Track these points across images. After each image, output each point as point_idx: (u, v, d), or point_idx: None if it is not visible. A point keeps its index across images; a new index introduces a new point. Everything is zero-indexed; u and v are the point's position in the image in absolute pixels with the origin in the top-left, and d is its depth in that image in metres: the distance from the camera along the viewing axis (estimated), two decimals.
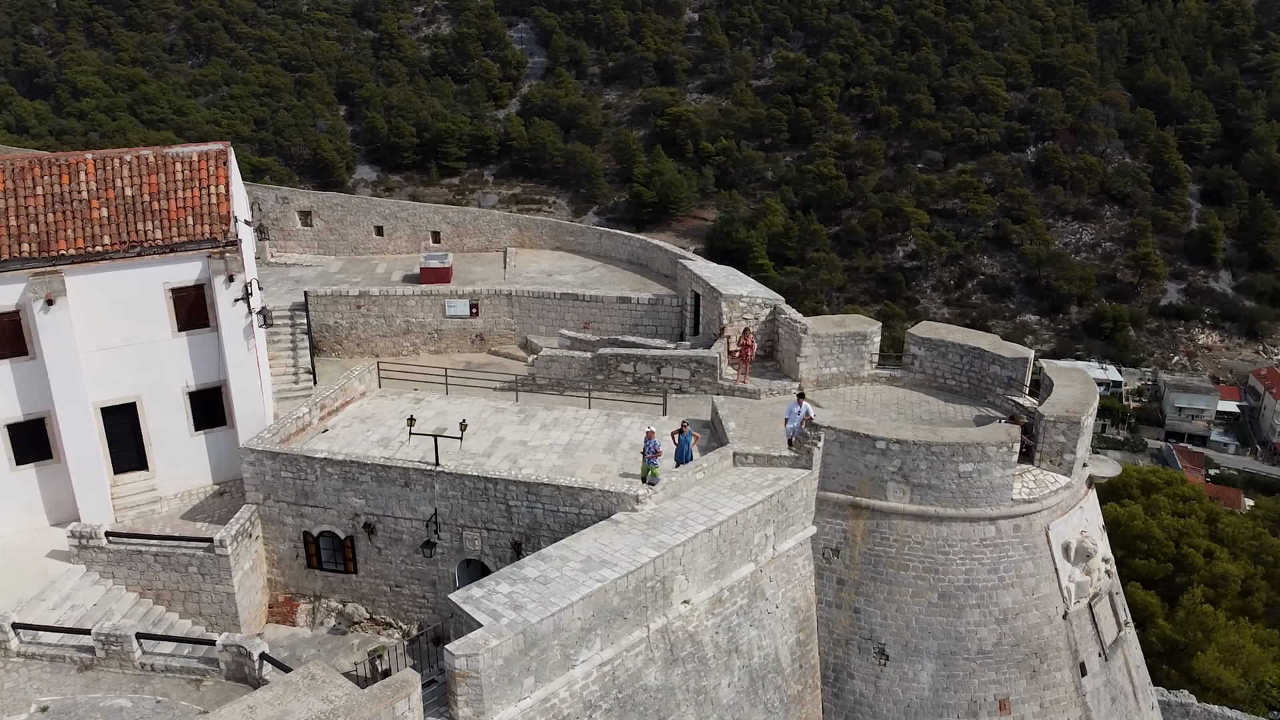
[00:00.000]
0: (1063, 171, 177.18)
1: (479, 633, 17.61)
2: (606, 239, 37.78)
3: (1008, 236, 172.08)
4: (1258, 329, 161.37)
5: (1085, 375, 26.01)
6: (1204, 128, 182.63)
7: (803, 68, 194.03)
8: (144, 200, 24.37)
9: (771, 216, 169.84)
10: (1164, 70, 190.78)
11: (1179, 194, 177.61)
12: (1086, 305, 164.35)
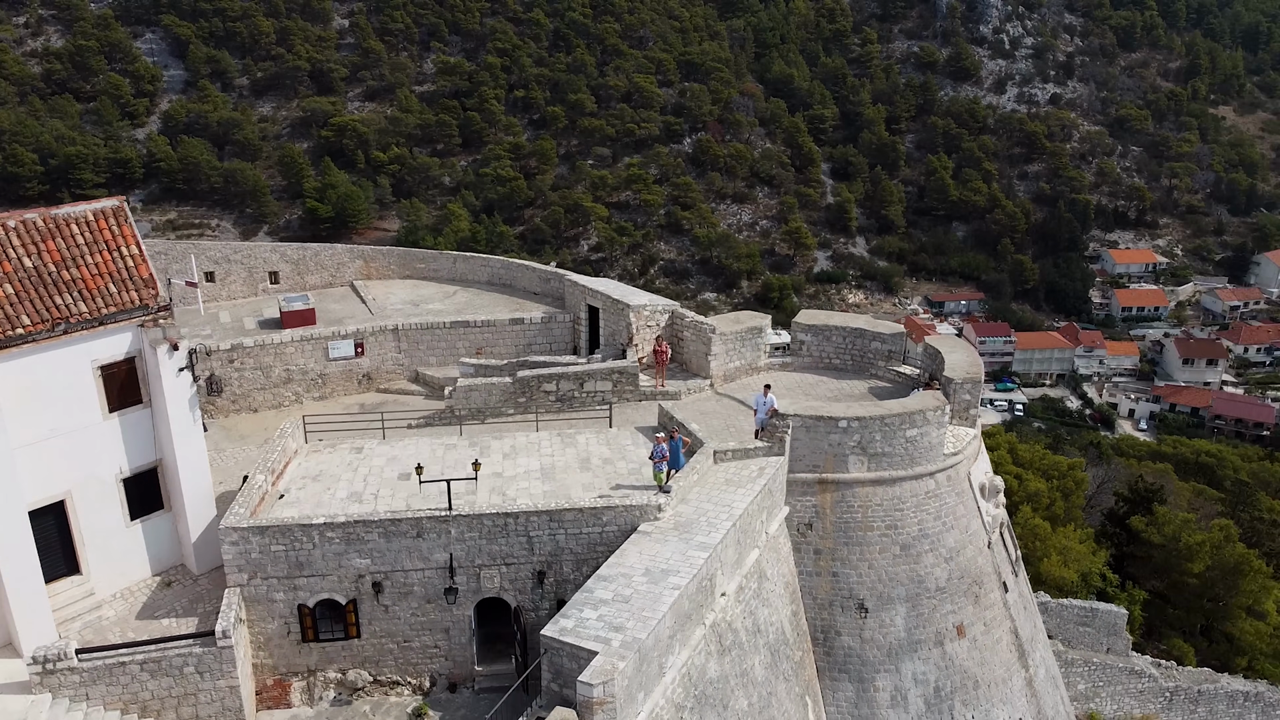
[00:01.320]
0: (717, 159, 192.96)
1: (601, 659, 18.17)
2: (463, 262, 37.49)
3: (679, 223, 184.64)
4: (892, 285, 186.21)
5: (964, 342, 30.72)
6: (826, 113, 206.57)
7: (465, 72, 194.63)
8: (50, 270, 21.49)
9: (456, 222, 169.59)
10: (787, 64, 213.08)
11: (815, 173, 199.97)
12: (755, 279, 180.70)
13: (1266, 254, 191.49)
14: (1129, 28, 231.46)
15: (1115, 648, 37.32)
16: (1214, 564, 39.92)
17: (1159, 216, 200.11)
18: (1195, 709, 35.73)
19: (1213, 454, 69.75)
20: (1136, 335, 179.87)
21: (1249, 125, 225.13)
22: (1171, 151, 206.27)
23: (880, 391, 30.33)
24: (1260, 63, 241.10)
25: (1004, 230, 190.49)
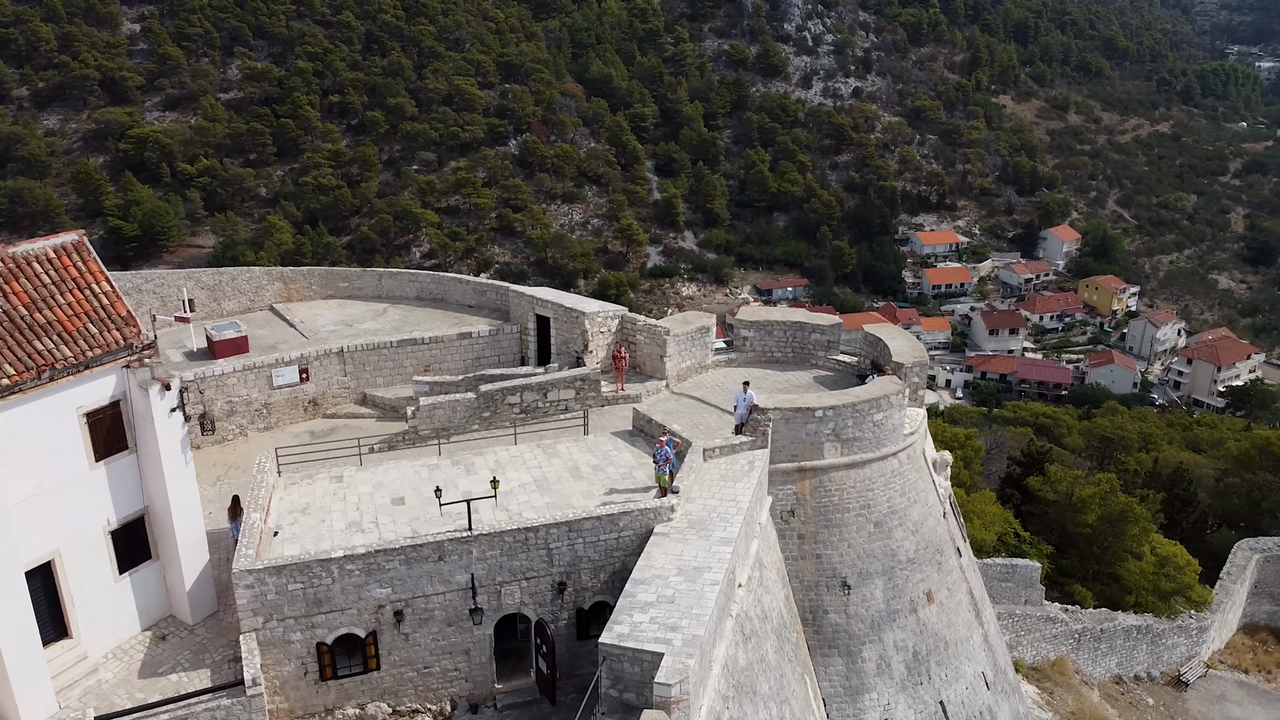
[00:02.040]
0: (544, 160, 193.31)
1: (670, 659, 18.72)
2: (389, 279, 36.50)
3: (512, 225, 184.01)
4: (722, 276, 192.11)
5: (901, 329, 32.80)
6: (646, 111, 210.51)
7: (274, 78, 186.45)
8: (21, 314, 19.86)
9: (278, 235, 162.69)
10: (604, 63, 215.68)
11: (640, 170, 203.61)
12: (591, 277, 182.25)
13: (1051, 230, 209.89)
14: (917, 24, 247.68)
15: (1031, 599, 41.01)
16: (1102, 514, 44.64)
17: (957, 199, 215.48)
18: (1099, 646, 39.76)
19: (1049, 415, 76.74)
20: (946, 311, 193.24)
21: (1026, 112, 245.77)
22: (963, 139, 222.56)
23: (824, 380, 32.08)
24: (1031, 55, 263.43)
25: (821, 218, 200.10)
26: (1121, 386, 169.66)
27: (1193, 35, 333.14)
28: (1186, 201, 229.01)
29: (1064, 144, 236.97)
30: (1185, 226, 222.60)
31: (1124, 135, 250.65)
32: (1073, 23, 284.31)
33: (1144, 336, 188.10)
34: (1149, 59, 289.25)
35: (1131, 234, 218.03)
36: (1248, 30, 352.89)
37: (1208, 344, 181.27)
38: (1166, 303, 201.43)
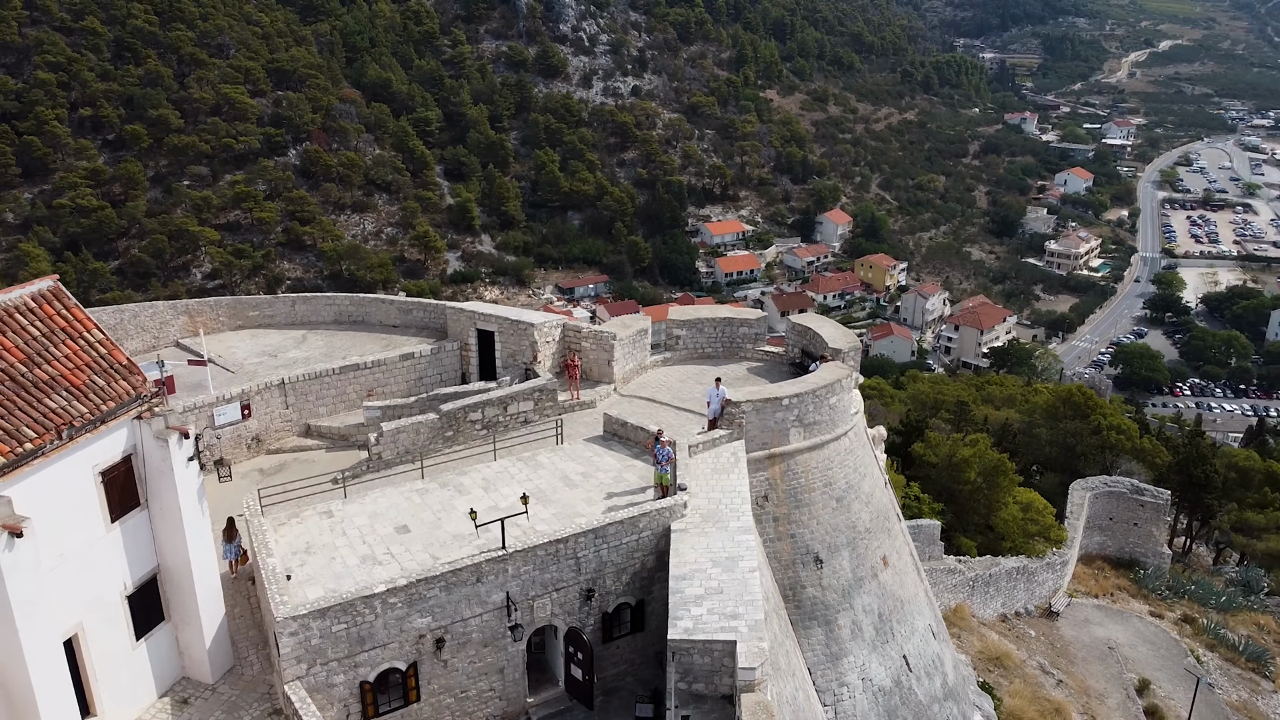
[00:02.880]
0: (329, 169, 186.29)
1: (744, 644, 19.75)
2: (303, 304, 34.74)
3: (300, 238, 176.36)
4: (523, 277, 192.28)
5: (824, 318, 34.93)
6: (430, 115, 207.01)
7: (10, 90, 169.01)
8: (20, 371, 18.13)
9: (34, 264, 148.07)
10: (381, 67, 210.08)
11: (430, 175, 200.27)
12: (390, 287, 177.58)
13: (825, 214, 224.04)
14: (685, 23, 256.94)
15: (934, 554, 44.72)
16: (980, 471, 49.32)
17: (739, 190, 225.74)
18: (988, 589, 44.04)
19: (873, 387, 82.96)
20: (740, 296, 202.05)
21: (791, 105, 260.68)
22: (738, 132, 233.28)
23: (757, 370, 33.88)
24: (790, 51, 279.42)
25: (615, 215, 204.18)
26: (901, 355, 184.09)
27: (925, 30, 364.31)
28: (938, 182, 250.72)
29: (828, 134, 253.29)
30: (939, 205, 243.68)
31: (878, 124, 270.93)
32: (824, 20, 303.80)
33: (915, 308, 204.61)
34: (892, 53, 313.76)
35: (895, 214, 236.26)
36: (970, 25, 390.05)
37: (970, 311, 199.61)
38: (931, 276, 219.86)
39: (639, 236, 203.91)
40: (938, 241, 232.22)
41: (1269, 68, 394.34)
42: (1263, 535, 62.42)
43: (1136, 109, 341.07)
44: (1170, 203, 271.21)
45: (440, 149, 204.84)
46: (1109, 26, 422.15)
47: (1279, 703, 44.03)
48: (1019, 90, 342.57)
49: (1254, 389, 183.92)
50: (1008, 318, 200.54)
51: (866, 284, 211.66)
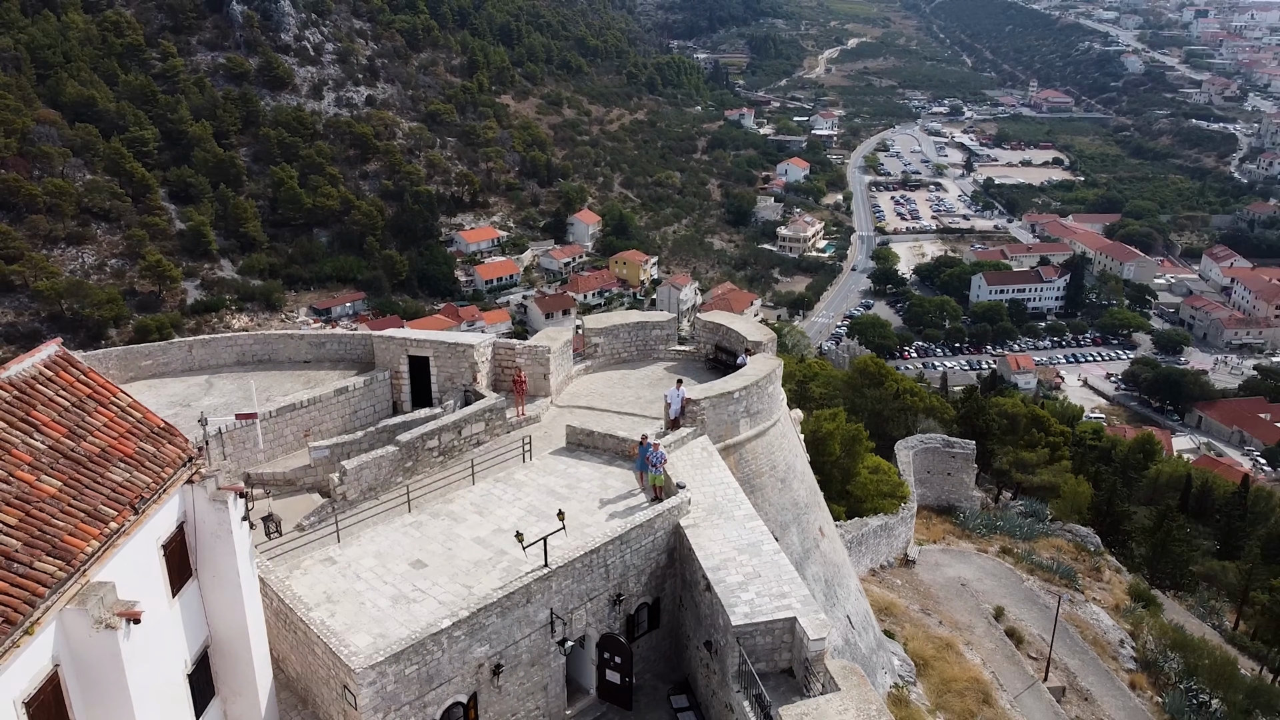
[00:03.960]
0: (34, 199, 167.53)
1: (804, 619, 21.32)
2: (201, 348, 31.90)
3: (8, 278, 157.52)
4: (274, 301, 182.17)
5: (732, 314, 36.75)
6: (147, 134, 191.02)
7: None
8: (68, 445, 16.43)
9: None
10: (81, 84, 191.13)
11: (155, 199, 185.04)
12: (123, 325, 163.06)
13: (575, 215, 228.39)
14: (413, 30, 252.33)
15: None
16: (843, 441, 53.34)
17: (488, 197, 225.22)
18: (860, 548, 47.96)
19: None
20: (503, 303, 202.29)
21: (528, 110, 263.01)
22: (481, 139, 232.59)
23: (674, 369, 35.39)
24: (520, 56, 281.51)
25: (365, 229, 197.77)
26: None
27: (642, 33, 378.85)
28: (674, 178, 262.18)
29: (567, 136, 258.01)
30: (678, 200, 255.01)
31: (612, 125, 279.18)
32: (549, 25, 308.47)
33: (670, 299, 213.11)
34: (615, 55, 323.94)
35: (639, 211, 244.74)
36: (682, 27, 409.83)
37: (720, 297, 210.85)
38: (680, 267, 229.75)
39: (393, 250, 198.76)
40: (681, 234, 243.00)
41: (938, 61, 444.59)
42: (1035, 470, 71.86)
43: (836, 101, 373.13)
44: (875, 185, 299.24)
45: (163, 170, 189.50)
46: (804, 27, 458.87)
47: (1091, 610, 51.49)
48: (733, 88, 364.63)
49: (967, 346, 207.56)
50: (754, 301, 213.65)
51: (622, 280, 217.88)
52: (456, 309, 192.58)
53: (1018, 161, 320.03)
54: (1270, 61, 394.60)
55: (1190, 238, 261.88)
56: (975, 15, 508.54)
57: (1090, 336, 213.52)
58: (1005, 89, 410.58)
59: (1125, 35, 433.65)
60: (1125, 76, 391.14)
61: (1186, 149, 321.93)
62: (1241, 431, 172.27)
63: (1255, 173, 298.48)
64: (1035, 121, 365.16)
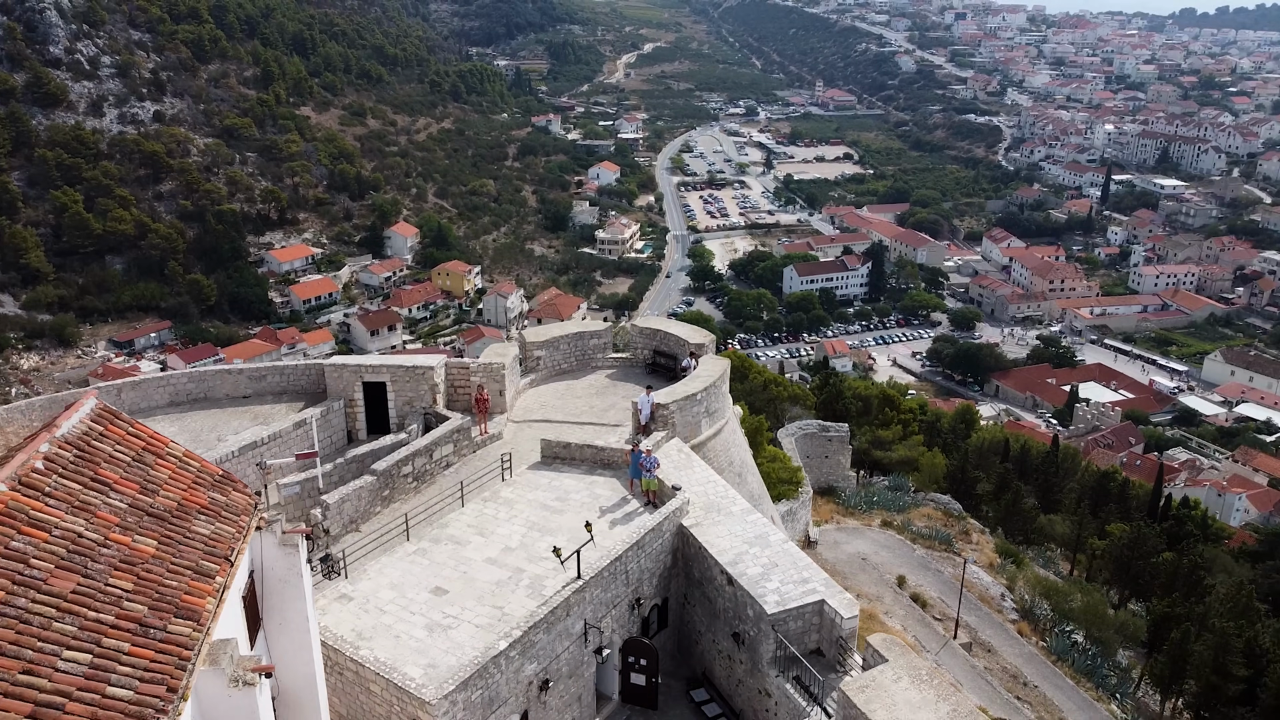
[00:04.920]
0: None
1: (831, 602, 22.64)
2: (130, 390, 29.29)
3: None
4: (67, 336, 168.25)
5: (671, 320, 37.46)
6: None
7: None
8: (146, 502, 15.50)
9: None
10: None
11: None
12: None
13: (392, 228, 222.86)
14: (198, 41, 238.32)
15: None
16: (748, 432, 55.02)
17: (297, 213, 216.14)
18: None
19: None
20: (323, 322, 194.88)
21: (330, 121, 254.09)
22: (284, 153, 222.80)
23: (615, 376, 36.05)
24: (316, 66, 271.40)
25: (165, 253, 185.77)
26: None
27: (440, 40, 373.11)
28: (489, 186, 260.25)
29: (374, 148, 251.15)
30: (494, 208, 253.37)
31: (420, 134, 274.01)
32: (344, 33, 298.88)
33: (497, 308, 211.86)
34: (415, 64, 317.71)
35: (457, 221, 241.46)
36: (479, 34, 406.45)
37: (547, 303, 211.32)
38: (503, 275, 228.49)
39: (199, 274, 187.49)
40: (501, 242, 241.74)
41: (730, 64, 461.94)
42: (892, 447, 76.79)
43: (638, 105, 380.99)
44: (684, 185, 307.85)
45: None
46: (600, 32, 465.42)
47: (971, 569, 55.91)
48: (537, 94, 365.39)
49: (785, 335, 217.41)
50: (581, 304, 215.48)
51: (447, 292, 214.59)
52: (274, 332, 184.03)
53: (812, 158, 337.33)
54: (1023, 59, 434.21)
55: (970, 222, 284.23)
56: (761, 20, 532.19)
57: (895, 318, 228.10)
58: (794, 89, 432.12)
59: (897, 37, 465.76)
60: (900, 75, 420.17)
61: (959, 141, 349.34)
62: (1034, 396, 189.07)
63: (1020, 160, 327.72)
64: (824, 119, 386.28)
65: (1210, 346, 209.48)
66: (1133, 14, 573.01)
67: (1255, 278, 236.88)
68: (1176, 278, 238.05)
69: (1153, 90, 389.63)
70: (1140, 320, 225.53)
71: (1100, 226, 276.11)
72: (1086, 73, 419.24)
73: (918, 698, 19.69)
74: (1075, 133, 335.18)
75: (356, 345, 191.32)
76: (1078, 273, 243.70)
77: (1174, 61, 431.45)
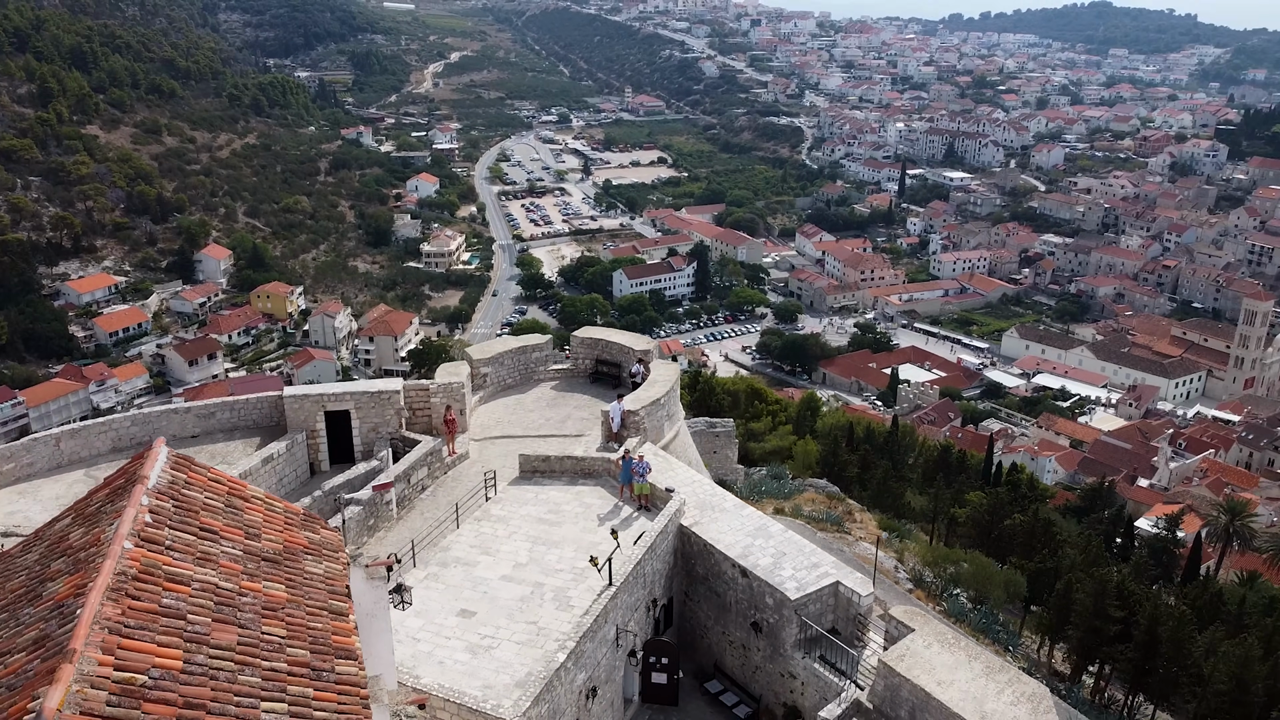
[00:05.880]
0: None
1: (845, 584, 24.09)
2: (70, 439, 26.81)
3: None
4: None
5: (610, 329, 37.80)
6: None
7: None
8: (255, 548, 15.00)
9: None
10: None
11: None
12: None
13: (203, 251, 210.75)
14: None
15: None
16: None
17: (95, 239, 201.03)
18: None
19: None
20: (134, 355, 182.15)
21: (121, 140, 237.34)
22: (73, 175, 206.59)
23: (559, 387, 36.35)
24: (100, 81, 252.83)
25: None
26: (328, 376, 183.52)
27: (234, 52, 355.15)
28: (303, 203, 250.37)
29: (174, 167, 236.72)
30: (311, 225, 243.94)
31: (222, 151, 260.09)
32: (128, 46, 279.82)
33: (325, 329, 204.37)
34: (210, 77, 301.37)
35: (272, 240, 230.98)
36: (275, 45, 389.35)
37: (377, 320, 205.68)
38: (327, 295, 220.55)
39: None
40: (322, 261, 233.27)
41: (539, 72, 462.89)
42: (765, 438, 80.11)
43: (450, 115, 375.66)
44: (504, 194, 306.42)
45: None
46: (404, 42, 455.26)
47: (863, 546, 59.45)
48: (343, 106, 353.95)
49: None
50: (413, 320, 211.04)
51: (269, 315, 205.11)
52: (79, 369, 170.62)
53: (628, 163, 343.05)
54: (816, 63, 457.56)
55: (783, 219, 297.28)
56: (566, 28, 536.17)
57: (722, 315, 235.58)
58: (605, 96, 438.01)
59: (698, 43, 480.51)
60: (704, 80, 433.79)
61: (765, 142, 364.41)
62: (858, 381, 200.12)
63: (822, 159, 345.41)
64: (636, 125, 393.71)
65: (1006, 324, 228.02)
66: (909, 19, 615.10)
67: (1038, 259, 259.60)
68: (971, 262, 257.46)
69: (934, 90, 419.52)
70: (944, 304, 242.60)
71: (900, 218, 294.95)
72: (874, 75, 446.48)
73: (951, 659, 21.41)
74: (870, 131, 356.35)
75: (174, 377, 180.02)
76: (885, 262, 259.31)
77: (950, 63, 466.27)
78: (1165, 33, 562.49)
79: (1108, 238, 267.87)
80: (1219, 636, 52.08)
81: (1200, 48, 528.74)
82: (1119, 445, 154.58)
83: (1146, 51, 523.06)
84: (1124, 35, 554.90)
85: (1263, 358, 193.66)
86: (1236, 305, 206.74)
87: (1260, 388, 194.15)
